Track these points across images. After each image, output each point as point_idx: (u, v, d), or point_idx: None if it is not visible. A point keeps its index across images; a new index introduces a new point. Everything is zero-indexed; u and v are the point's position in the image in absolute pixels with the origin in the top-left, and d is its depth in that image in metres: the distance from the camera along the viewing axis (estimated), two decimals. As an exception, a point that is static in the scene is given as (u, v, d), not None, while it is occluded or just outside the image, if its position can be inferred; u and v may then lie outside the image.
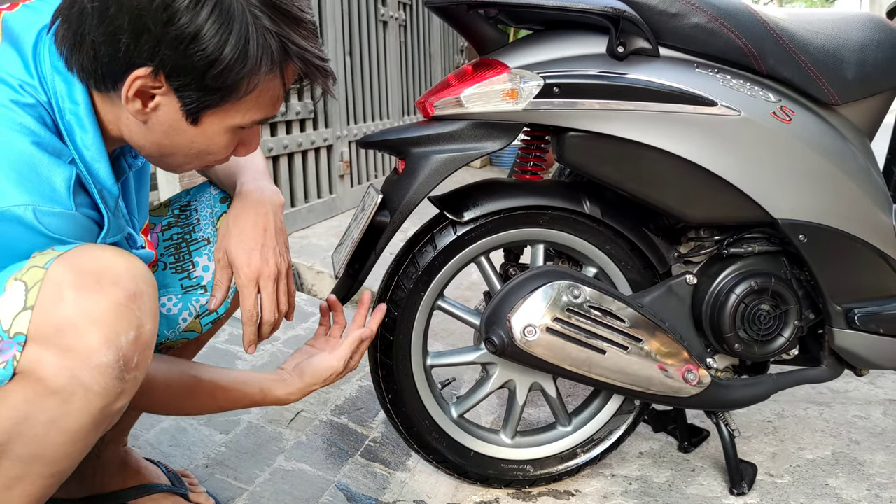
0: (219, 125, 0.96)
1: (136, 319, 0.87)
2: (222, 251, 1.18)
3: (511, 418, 1.66)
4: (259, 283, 1.15)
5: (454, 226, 1.52)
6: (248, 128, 1.00)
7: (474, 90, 1.42)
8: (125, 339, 0.86)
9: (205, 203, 1.33)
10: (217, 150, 1.00)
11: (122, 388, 0.87)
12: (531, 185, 1.57)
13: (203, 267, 1.27)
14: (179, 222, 1.32)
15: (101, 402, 0.86)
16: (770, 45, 1.47)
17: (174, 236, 1.30)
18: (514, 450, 1.67)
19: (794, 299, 1.57)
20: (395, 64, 4.92)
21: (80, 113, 0.94)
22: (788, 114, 1.47)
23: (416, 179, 1.44)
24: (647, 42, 1.43)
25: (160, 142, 0.97)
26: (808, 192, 1.50)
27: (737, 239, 1.57)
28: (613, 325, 1.47)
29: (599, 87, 1.40)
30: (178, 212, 1.33)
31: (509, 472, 1.67)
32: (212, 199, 1.32)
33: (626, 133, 1.42)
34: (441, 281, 1.54)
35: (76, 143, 0.94)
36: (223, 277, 1.18)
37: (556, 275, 1.49)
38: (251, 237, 1.16)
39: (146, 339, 0.89)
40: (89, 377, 0.84)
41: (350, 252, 1.45)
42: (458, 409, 1.64)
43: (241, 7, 0.88)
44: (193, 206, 1.33)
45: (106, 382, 0.85)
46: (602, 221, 1.55)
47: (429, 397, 1.60)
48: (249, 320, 1.16)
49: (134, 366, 0.88)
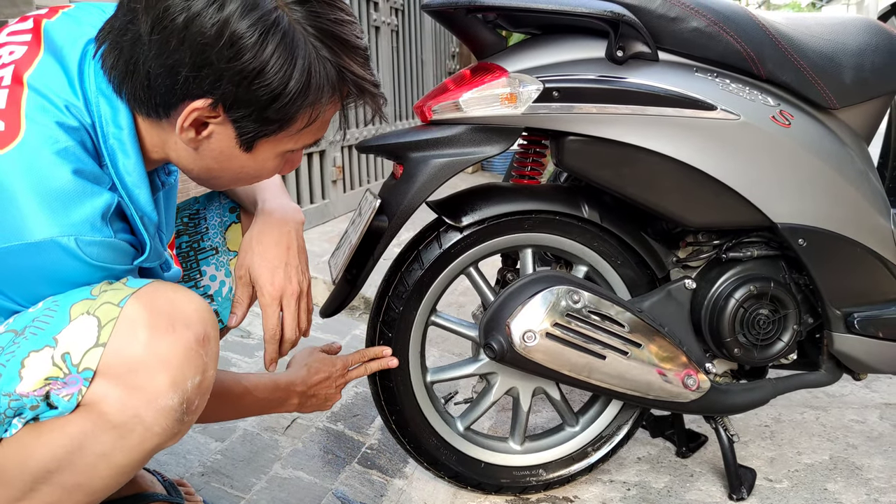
0: (271, 151, 0.96)
1: (202, 364, 0.89)
2: (244, 268, 1.17)
3: (518, 425, 1.64)
4: (282, 301, 1.16)
5: (452, 231, 1.51)
6: (297, 151, 1.00)
7: (473, 94, 1.41)
8: (191, 383, 0.87)
9: (214, 212, 1.32)
10: (266, 173, 1.01)
11: (179, 430, 0.89)
12: (529, 189, 1.56)
13: (210, 276, 1.26)
14: (188, 230, 1.31)
15: (156, 441, 0.88)
16: (769, 49, 1.47)
17: (182, 244, 1.29)
18: (524, 456, 1.66)
19: (794, 303, 1.57)
20: (387, 69, 4.91)
21: (123, 138, 0.93)
22: (788, 118, 1.47)
23: (415, 184, 1.43)
24: (646, 46, 1.42)
25: (210, 167, 0.97)
26: (808, 197, 1.49)
27: (735, 243, 1.57)
28: (613, 330, 1.47)
29: (599, 91, 1.40)
30: (186, 220, 1.32)
31: (522, 479, 1.65)
32: (221, 209, 1.32)
33: (625, 137, 1.41)
34: (438, 288, 1.53)
35: (118, 168, 0.93)
36: (244, 295, 1.18)
37: (555, 280, 1.48)
38: (274, 255, 1.16)
39: (208, 384, 0.91)
40: (152, 418, 0.86)
41: (348, 257, 1.44)
42: (465, 422, 1.63)
43: (302, 38, 0.88)
44: (202, 215, 1.32)
45: (167, 424, 0.87)
46: (601, 226, 1.55)
47: (433, 414, 1.59)
48: (272, 339, 1.16)
49: (194, 409, 0.90)
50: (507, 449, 1.66)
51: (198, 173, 0.99)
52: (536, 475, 1.65)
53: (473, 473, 1.62)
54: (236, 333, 2.24)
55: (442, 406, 1.62)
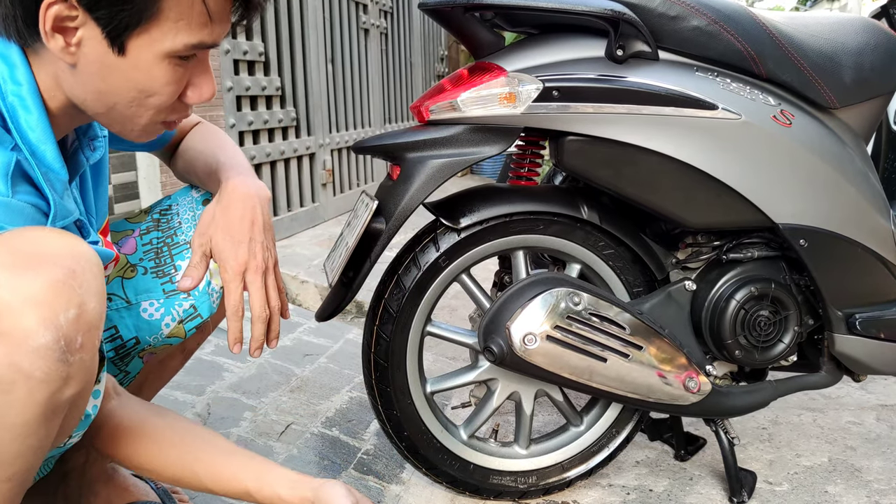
0: (149, 52, 0.89)
1: (76, 297, 0.79)
2: (206, 237, 1.12)
3: (522, 429, 1.62)
4: (246, 277, 1.11)
5: (449, 232, 1.49)
6: (186, 57, 0.93)
7: (471, 94, 1.39)
8: (64, 317, 0.78)
9: (186, 206, 1.28)
10: (158, 86, 0.93)
11: (67, 373, 0.79)
12: (528, 190, 1.54)
13: None
14: (160, 226, 1.27)
15: (46, 390, 0.78)
16: (770, 48, 1.46)
17: (154, 240, 1.25)
18: (530, 459, 1.63)
19: (794, 305, 1.55)
20: (376, 72, 4.89)
21: (22, 93, 0.89)
22: (788, 117, 1.45)
23: (412, 185, 1.41)
24: (646, 45, 1.41)
25: (98, 88, 0.91)
26: (809, 197, 1.48)
27: (736, 244, 1.56)
28: (614, 332, 1.45)
29: (599, 91, 1.38)
30: (158, 216, 1.28)
31: (523, 483, 1.63)
32: (193, 203, 1.28)
33: (625, 137, 1.40)
34: (435, 291, 1.51)
35: (20, 126, 0.89)
36: (201, 262, 1.12)
37: (554, 281, 1.46)
38: (238, 230, 1.11)
39: (90, 319, 0.81)
40: (29, 362, 0.76)
41: (345, 260, 1.41)
42: (468, 431, 1.61)
43: None
44: (175, 210, 1.28)
45: (47, 366, 0.77)
46: (600, 227, 1.53)
47: (435, 424, 1.56)
48: (235, 315, 1.10)
49: (78, 347, 0.79)
50: (512, 454, 1.63)
51: (92, 103, 0.93)
52: (537, 479, 1.63)
53: (474, 480, 1.60)
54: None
55: (443, 416, 1.60)
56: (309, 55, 3.86)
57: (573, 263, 1.58)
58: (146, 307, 1.21)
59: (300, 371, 2.09)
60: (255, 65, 3.37)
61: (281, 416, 1.83)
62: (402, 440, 1.55)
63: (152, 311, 1.22)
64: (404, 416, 1.54)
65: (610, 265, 1.57)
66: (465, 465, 1.59)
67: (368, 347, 1.52)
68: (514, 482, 1.63)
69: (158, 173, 2.75)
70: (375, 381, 1.52)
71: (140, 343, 1.22)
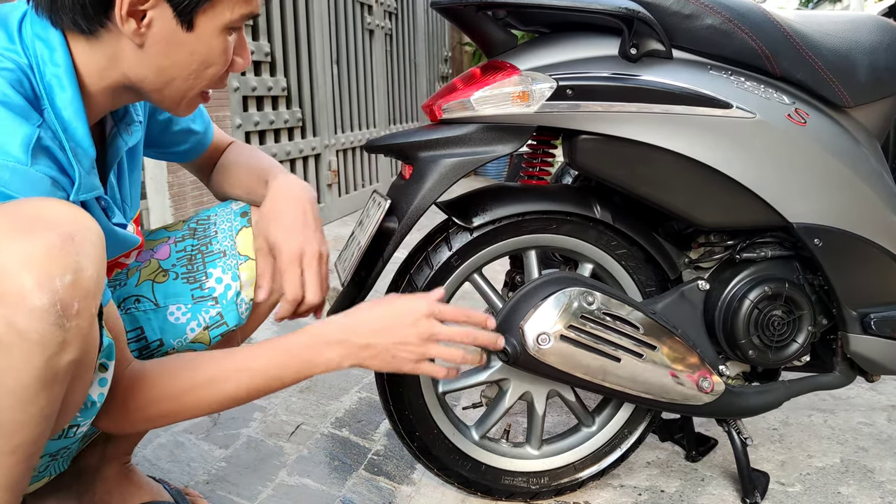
0: (212, 26, 0.97)
1: (73, 262, 0.79)
2: (261, 238, 1.18)
3: (534, 429, 1.61)
4: (303, 262, 1.16)
5: (462, 232, 1.49)
6: (237, 28, 1.01)
7: (484, 93, 1.39)
8: (60, 282, 0.78)
9: (224, 217, 1.30)
10: (216, 57, 1.00)
11: (63, 337, 0.79)
12: (540, 189, 1.54)
13: (216, 279, 1.23)
14: (196, 235, 1.28)
15: (42, 353, 0.78)
16: (784, 47, 1.45)
17: (188, 248, 1.26)
18: (542, 460, 1.63)
19: (808, 304, 1.55)
20: (381, 73, 4.89)
21: (60, 74, 0.94)
22: (803, 116, 1.45)
23: (425, 184, 1.40)
24: (660, 44, 1.40)
25: (161, 64, 0.98)
26: (824, 196, 1.47)
27: (749, 244, 1.55)
28: (627, 331, 1.44)
29: (613, 89, 1.37)
30: (195, 226, 1.30)
31: (535, 484, 1.62)
32: (231, 214, 1.30)
33: (639, 136, 1.39)
34: (447, 292, 1.50)
35: (55, 103, 0.93)
36: (266, 266, 1.18)
37: (568, 281, 1.45)
38: (291, 221, 1.17)
39: (87, 285, 0.81)
40: (25, 323, 0.76)
41: (357, 259, 1.40)
42: (480, 431, 1.60)
43: None
44: (212, 221, 1.30)
45: (43, 329, 0.77)
46: (613, 227, 1.52)
47: (447, 424, 1.56)
48: (293, 300, 1.17)
49: (74, 312, 0.80)
50: (524, 454, 1.62)
51: (152, 80, 0.99)
52: (549, 479, 1.62)
53: (486, 481, 1.59)
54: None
55: (455, 416, 1.59)
56: (315, 56, 3.86)
57: (585, 263, 1.57)
58: (173, 311, 1.22)
59: (309, 371, 2.09)
60: (262, 65, 3.37)
61: (291, 416, 1.82)
62: (414, 440, 1.54)
63: (179, 314, 1.22)
64: (416, 417, 1.53)
65: (622, 265, 1.56)
66: (476, 465, 1.58)
67: None
68: (526, 483, 1.62)
69: (165, 174, 2.75)
70: (387, 380, 1.52)
71: (164, 345, 1.21)
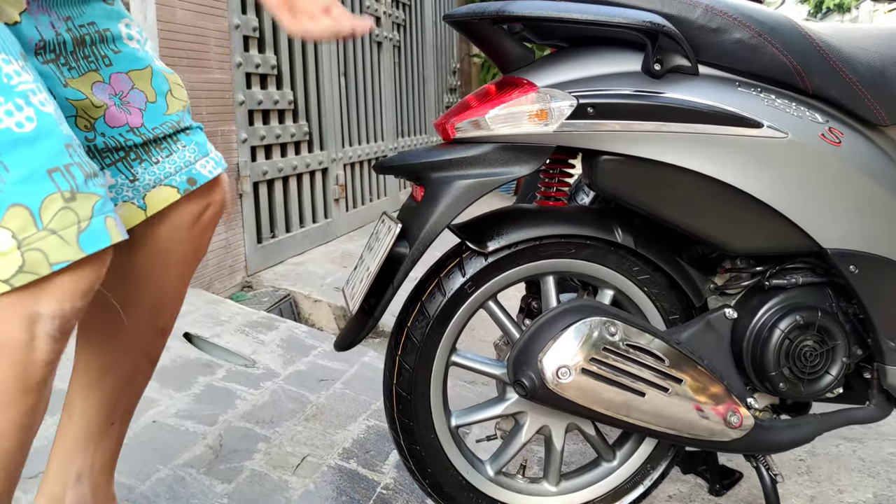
0: None
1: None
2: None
3: (552, 464, 1.52)
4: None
5: (476, 257, 1.41)
6: None
7: (500, 111, 1.31)
8: None
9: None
10: None
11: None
12: (558, 212, 1.46)
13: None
14: None
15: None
16: (816, 62, 1.37)
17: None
18: (561, 497, 1.53)
19: (842, 334, 1.46)
20: (389, 85, 4.82)
21: None
22: (837, 136, 1.37)
23: (438, 207, 1.32)
24: (685, 59, 1.33)
25: None
26: (859, 220, 1.39)
27: (779, 270, 1.47)
28: (653, 364, 1.36)
29: (637, 108, 1.30)
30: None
31: None
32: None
33: (665, 157, 1.31)
34: (461, 319, 1.42)
35: None
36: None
37: (588, 310, 1.37)
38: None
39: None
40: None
41: (367, 287, 1.33)
42: (495, 466, 1.51)
43: None
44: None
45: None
46: (635, 251, 1.44)
47: (460, 460, 1.47)
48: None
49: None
50: (542, 491, 1.53)
51: None
52: None
53: None
54: (240, 363, 2.12)
55: (468, 451, 1.51)
56: (322, 68, 3.80)
57: (606, 289, 1.49)
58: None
59: (315, 398, 2.01)
60: (268, 78, 3.31)
61: (296, 447, 1.74)
62: (426, 477, 1.46)
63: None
64: (428, 452, 1.45)
65: (645, 291, 1.48)
66: (492, 503, 1.50)
67: (390, 378, 1.44)
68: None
69: None
70: (398, 414, 1.44)
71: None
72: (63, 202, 0.78)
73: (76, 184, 0.79)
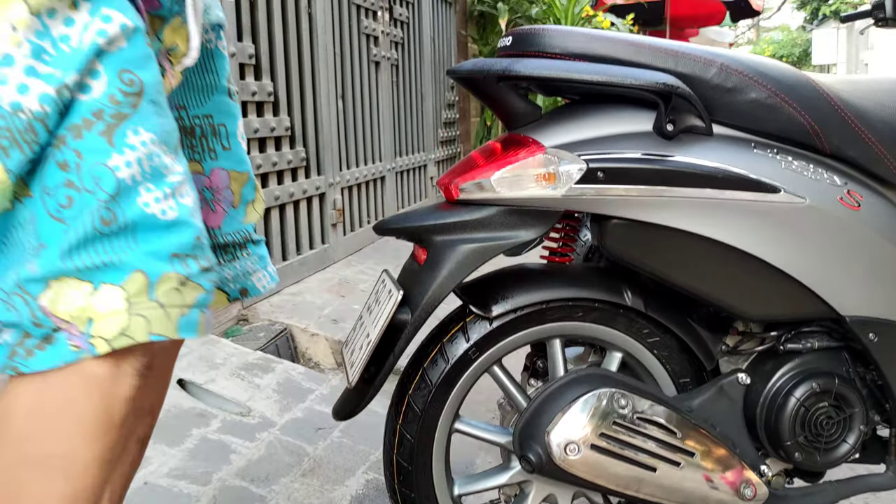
0: None
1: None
2: None
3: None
4: None
5: (480, 321, 1.35)
6: None
7: (505, 173, 1.26)
8: None
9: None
10: None
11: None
12: (565, 274, 1.41)
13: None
14: None
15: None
16: (834, 121, 1.32)
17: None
18: None
19: (860, 401, 1.41)
20: (387, 104, 4.77)
21: None
22: (856, 199, 1.32)
23: (441, 272, 1.27)
24: (699, 119, 1.28)
25: None
26: (879, 286, 1.34)
27: (794, 334, 1.42)
28: (664, 438, 1.30)
29: (648, 172, 1.24)
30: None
31: None
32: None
33: (677, 223, 1.26)
34: (464, 386, 1.37)
35: None
36: None
37: (597, 380, 1.32)
38: None
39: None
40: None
41: (367, 357, 1.27)
42: None
43: None
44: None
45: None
46: (644, 314, 1.39)
47: None
48: None
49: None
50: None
51: None
52: None
53: None
54: (235, 411, 2.07)
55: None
56: (319, 92, 3.74)
57: (614, 351, 1.44)
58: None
59: (312, 449, 1.95)
60: (264, 105, 3.25)
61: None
62: None
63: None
64: None
65: (654, 354, 1.43)
66: None
67: (391, 448, 1.38)
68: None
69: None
70: (398, 484, 1.38)
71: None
72: (177, 283, 0.81)
73: (191, 272, 0.83)
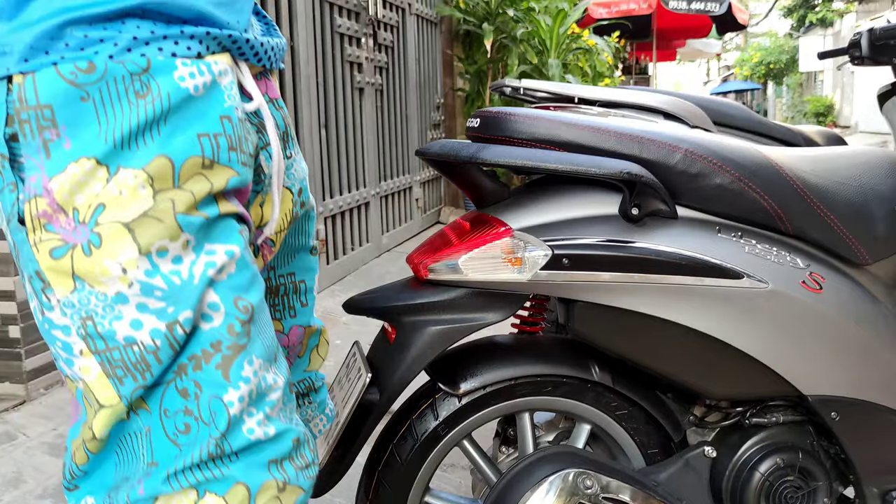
0: None
1: None
2: None
3: None
4: None
5: (449, 398, 1.37)
6: None
7: (473, 255, 1.28)
8: None
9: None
10: None
11: None
12: (533, 347, 1.43)
13: None
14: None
15: None
16: (797, 204, 1.34)
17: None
18: None
19: (824, 475, 1.43)
20: (371, 130, 4.78)
21: None
22: (819, 281, 1.34)
23: (409, 354, 1.29)
24: (664, 204, 1.29)
25: None
26: (841, 366, 1.36)
27: (760, 408, 1.44)
28: (630, 517, 1.32)
29: (613, 259, 1.26)
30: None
31: None
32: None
33: (642, 307, 1.28)
34: (433, 462, 1.39)
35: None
36: None
37: (565, 458, 1.34)
38: None
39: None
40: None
41: (336, 437, 1.29)
42: None
43: None
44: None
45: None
46: (613, 389, 1.41)
47: None
48: None
49: None
50: None
51: None
52: None
53: None
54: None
55: None
56: (302, 122, 3.76)
57: (583, 423, 1.46)
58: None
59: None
60: (246, 140, 3.26)
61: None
62: None
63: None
64: None
65: (623, 426, 1.45)
66: None
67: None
68: None
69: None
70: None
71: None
72: (276, 491, 0.83)
73: (290, 476, 0.85)
